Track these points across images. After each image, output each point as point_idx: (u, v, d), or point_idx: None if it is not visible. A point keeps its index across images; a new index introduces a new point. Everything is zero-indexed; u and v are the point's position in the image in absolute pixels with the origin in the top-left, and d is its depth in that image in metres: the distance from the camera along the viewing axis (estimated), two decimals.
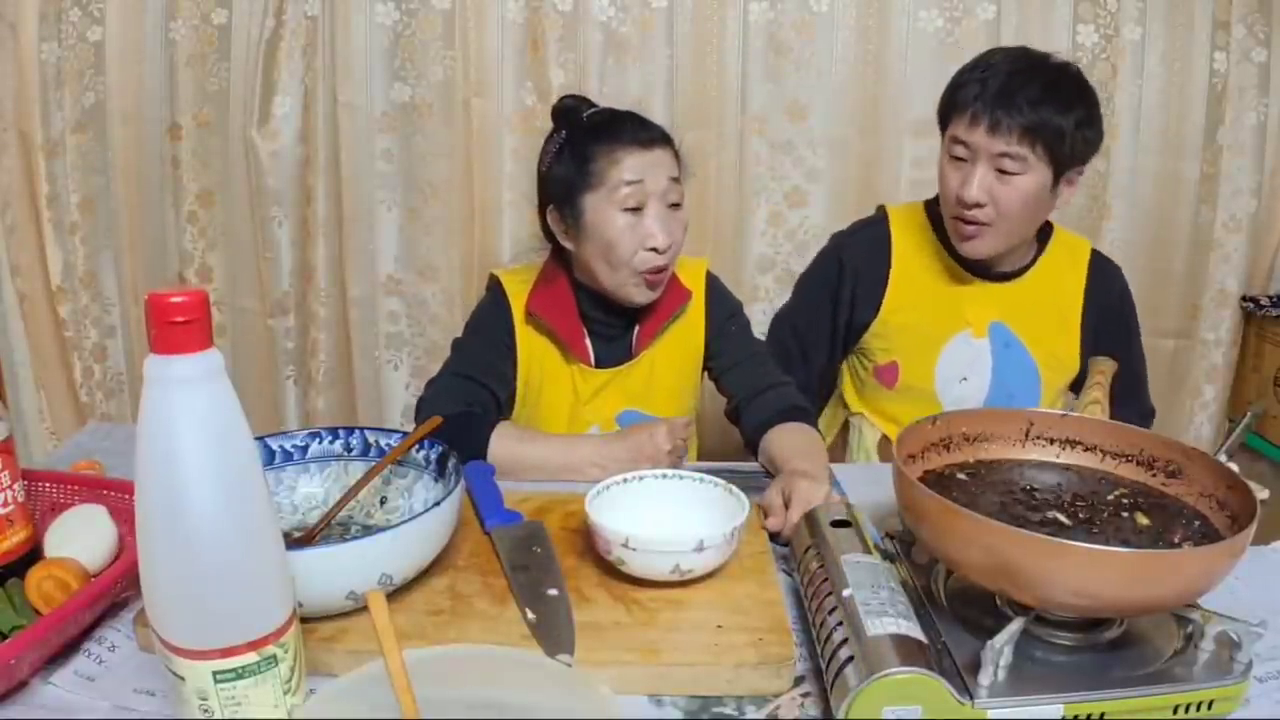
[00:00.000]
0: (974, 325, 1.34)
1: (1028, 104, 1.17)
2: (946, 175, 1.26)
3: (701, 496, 0.91)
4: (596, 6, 1.87)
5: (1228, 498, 0.76)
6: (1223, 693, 0.67)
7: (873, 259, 1.36)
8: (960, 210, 1.24)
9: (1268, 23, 1.92)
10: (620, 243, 1.16)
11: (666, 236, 1.17)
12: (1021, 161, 1.18)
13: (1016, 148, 1.18)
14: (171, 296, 0.53)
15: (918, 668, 0.63)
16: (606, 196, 1.16)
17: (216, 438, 0.55)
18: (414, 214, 1.98)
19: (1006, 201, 1.21)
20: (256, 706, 0.58)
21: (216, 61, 1.91)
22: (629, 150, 1.16)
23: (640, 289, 1.20)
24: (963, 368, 1.35)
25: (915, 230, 1.36)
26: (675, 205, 1.20)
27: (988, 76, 1.20)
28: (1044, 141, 1.18)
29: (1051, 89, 1.18)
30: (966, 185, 1.21)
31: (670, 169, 1.19)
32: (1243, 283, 2.06)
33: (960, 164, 1.23)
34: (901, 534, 0.85)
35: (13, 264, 1.97)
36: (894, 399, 1.39)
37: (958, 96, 1.23)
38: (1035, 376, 1.36)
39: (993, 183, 1.20)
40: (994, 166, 1.20)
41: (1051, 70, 1.21)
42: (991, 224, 1.23)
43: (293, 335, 2.07)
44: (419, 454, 0.94)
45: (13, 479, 0.79)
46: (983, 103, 1.19)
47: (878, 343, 1.38)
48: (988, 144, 1.19)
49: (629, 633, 0.76)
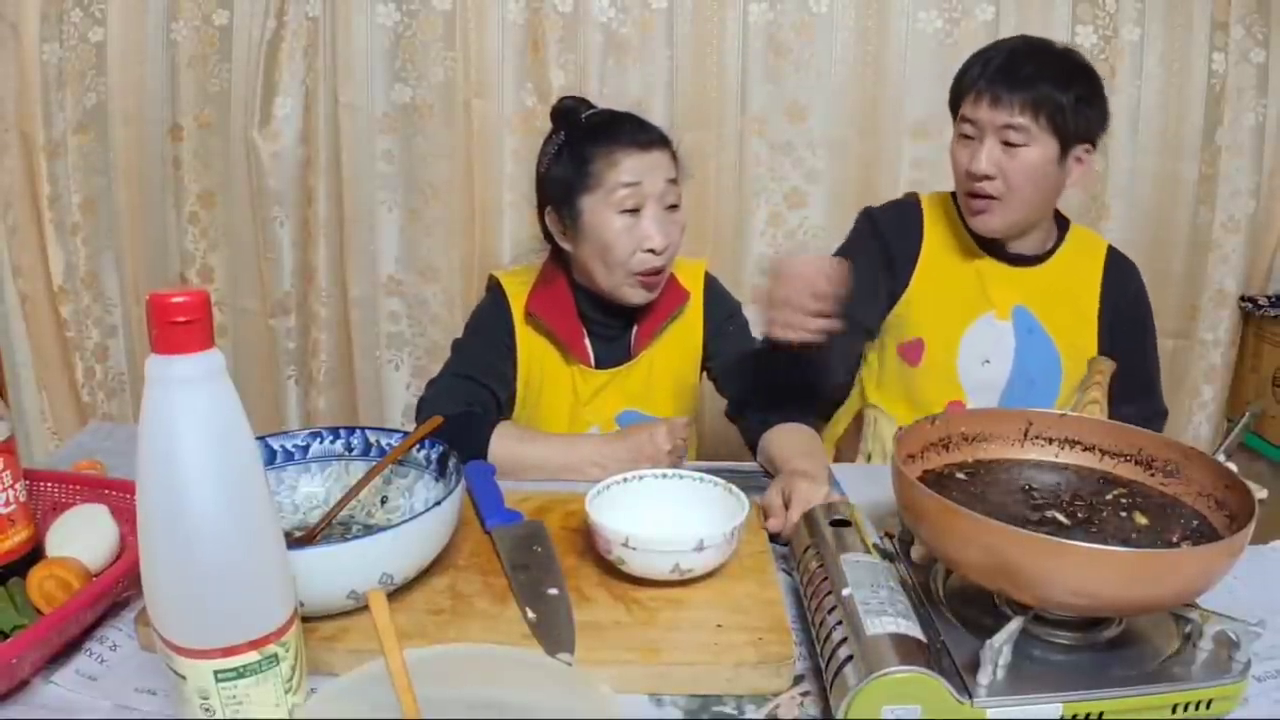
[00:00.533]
0: (998, 307, 1.35)
1: (1028, 77, 1.21)
2: (957, 154, 1.30)
3: (701, 496, 0.91)
4: (596, 7, 1.87)
5: (1226, 497, 0.76)
6: (1221, 692, 0.67)
7: (906, 232, 1.38)
8: (971, 184, 1.27)
9: (1266, 24, 1.92)
10: (617, 244, 1.16)
11: (663, 238, 1.17)
12: (1025, 133, 1.22)
13: (1019, 118, 1.21)
14: (173, 297, 0.53)
15: (917, 667, 0.63)
16: (604, 198, 1.17)
17: (218, 438, 0.55)
18: (415, 215, 1.98)
19: (1014, 173, 1.24)
20: (258, 705, 0.59)
21: (218, 62, 1.92)
22: (627, 152, 1.16)
23: (637, 290, 1.20)
24: (986, 350, 1.36)
25: (944, 213, 1.39)
26: (673, 207, 1.20)
27: (991, 57, 1.26)
28: (1046, 113, 1.21)
29: (1051, 65, 1.23)
30: (975, 159, 1.25)
31: (668, 171, 1.19)
32: (1241, 283, 2.06)
33: (969, 141, 1.27)
34: (901, 534, 0.85)
35: (14, 264, 1.97)
36: (916, 378, 1.39)
37: (964, 79, 1.28)
38: (1057, 364, 1.36)
39: (1000, 156, 1.24)
40: (1000, 140, 1.23)
41: (1053, 50, 1.26)
42: (1001, 197, 1.26)
43: (294, 335, 2.07)
44: (420, 454, 0.94)
45: (14, 478, 0.79)
46: (985, 79, 1.24)
47: (904, 319, 1.38)
48: (991, 117, 1.23)
49: (629, 632, 0.76)
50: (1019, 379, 1.36)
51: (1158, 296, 2.02)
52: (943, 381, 1.36)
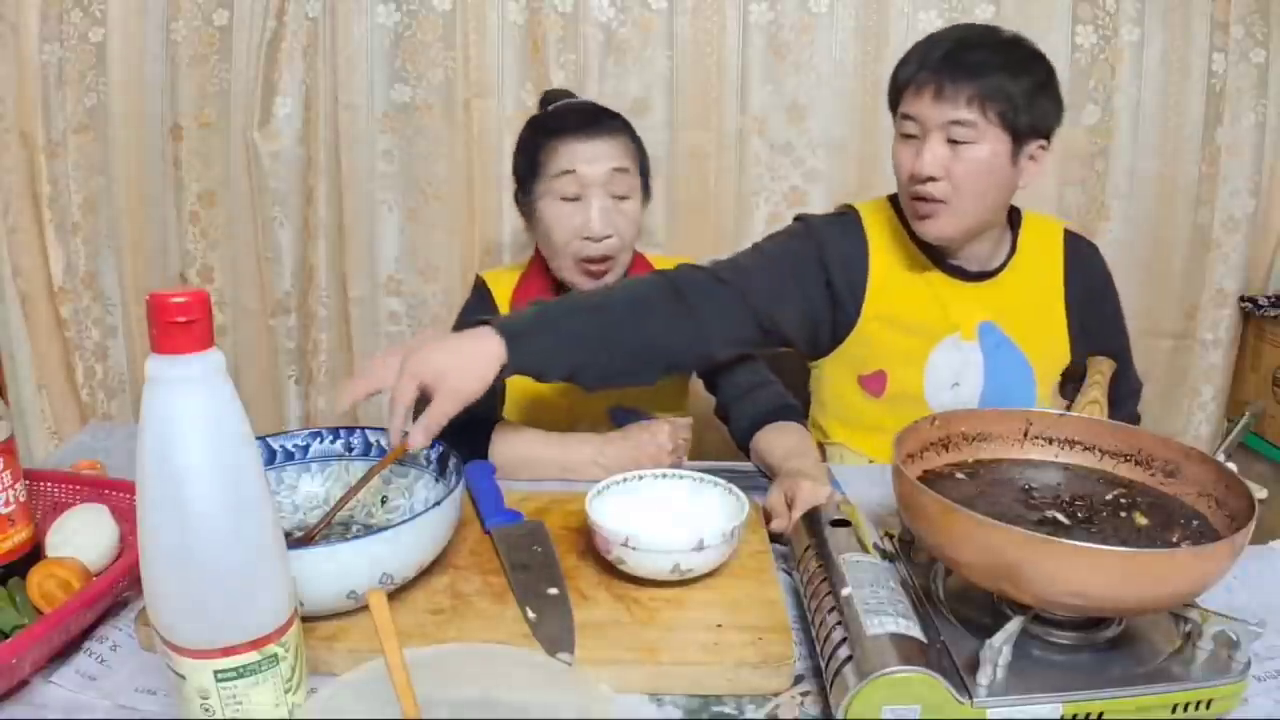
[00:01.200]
0: (962, 328, 1.26)
1: (974, 66, 1.11)
2: (899, 155, 1.20)
3: (701, 496, 0.92)
4: (596, 7, 1.87)
5: (1226, 497, 0.76)
6: (1221, 692, 0.67)
7: (852, 260, 1.26)
8: (915, 188, 1.17)
9: (1266, 24, 1.92)
10: (555, 229, 1.21)
11: (603, 226, 1.20)
12: (972, 129, 1.12)
13: (965, 113, 1.11)
14: (173, 296, 0.53)
15: (917, 667, 0.63)
16: (548, 186, 1.22)
17: (217, 438, 0.55)
18: (414, 214, 1.98)
19: (961, 174, 1.14)
20: (258, 706, 0.59)
21: (218, 62, 1.91)
22: (565, 141, 1.21)
23: (581, 277, 1.24)
24: (953, 373, 1.27)
25: (885, 225, 1.29)
26: (622, 197, 1.22)
27: (930, 48, 1.16)
28: (995, 107, 1.11)
29: (1000, 52, 1.14)
30: (919, 159, 1.15)
31: (614, 160, 1.21)
32: (1241, 283, 2.06)
33: (911, 141, 1.17)
34: (901, 534, 0.86)
35: (14, 264, 1.97)
36: (881, 409, 1.29)
37: (902, 72, 1.18)
38: (1029, 373, 1.29)
39: (946, 155, 1.14)
40: (946, 137, 1.13)
41: (1000, 36, 1.16)
42: (948, 201, 1.16)
43: (294, 335, 2.07)
44: (420, 454, 0.94)
45: (14, 478, 0.79)
46: (928, 71, 1.13)
47: (861, 350, 1.28)
48: (936, 113, 1.13)
49: (629, 632, 0.76)
50: (992, 395, 1.28)
51: (1158, 296, 2.04)
52: (910, 409, 1.22)
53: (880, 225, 1.29)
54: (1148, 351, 1.94)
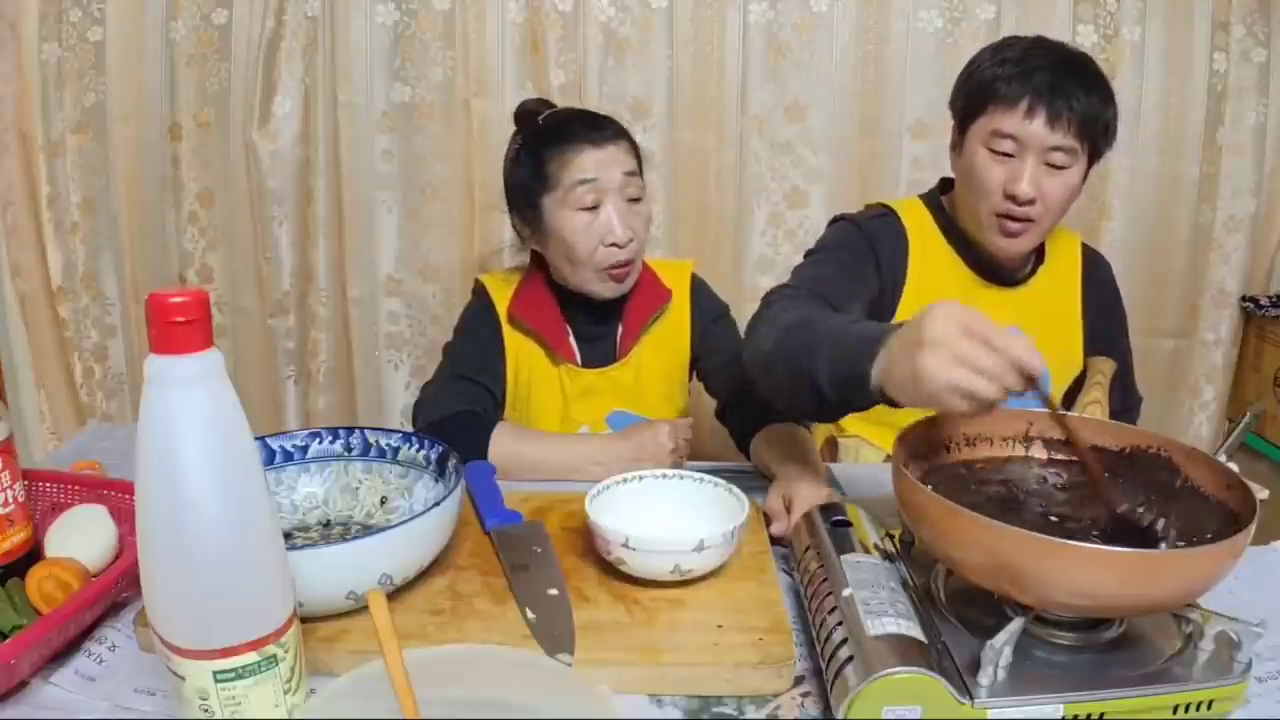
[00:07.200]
0: None
1: (1082, 95, 1.13)
2: (988, 169, 1.18)
3: (701, 496, 0.91)
4: (596, 7, 1.87)
5: (1227, 497, 0.76)
6: (1222, 692, 0.67)
7: (894, 250, 1.28)
8: (1009, 206, 1.18)
9: (1267, 23, 1.92)
10: (579, 242, 1.18)
11: (626, 231, 1.18)
12: (1072, 154, 1.15)
13: (1072, 141, 1.14)
14: (172, 296, 0.53)
15: (917, 668, 0.63)
16: (562, 198, 1.18)
17: (217, 438, 0.55)
18: (414, 214, 1.98)
19: (1054, 196, 1.16)
20: (257, 706, 0.58)
21: (217, 62, 1.91)
22: (580, 149, 1.18)
23: (606, 284, 1.21)
24: None
25: (924, 228, 1.31)
26: (635, 199, 1.21)
27: (1031, 69, 1.14)
28: (1091, 135, 1.15)
29: (1092, 79, 1.15)
30: (1017, 180, 1.15)
31: (625, 164, 1.20)
32: (1242, 283, 2.06)
33: (1004, 159, 1.17)
34: (901, 534, 0.85)
35: (13, 264, 1.97)
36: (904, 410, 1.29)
37: (999, 88, 1.16)
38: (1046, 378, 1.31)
39: (1041, 176, 1.16)
40: (1043, 160, 1.15)
41: (1086, 61, 1.18)
42: (1038, 221, 1.18)
43: (293, 335, 2.07)
44: (420, 454, 0.94)
45: (13, 479, 0.79)
46: (1036, 94, 1.13)
47: None
48: (1044, 137, 1.13)
49: (629, 633, 0.76)
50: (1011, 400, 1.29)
51: (1158, 296, 2.04)
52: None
53: (917, 225, 1.30)
54: (1149, 352, 1.93)
